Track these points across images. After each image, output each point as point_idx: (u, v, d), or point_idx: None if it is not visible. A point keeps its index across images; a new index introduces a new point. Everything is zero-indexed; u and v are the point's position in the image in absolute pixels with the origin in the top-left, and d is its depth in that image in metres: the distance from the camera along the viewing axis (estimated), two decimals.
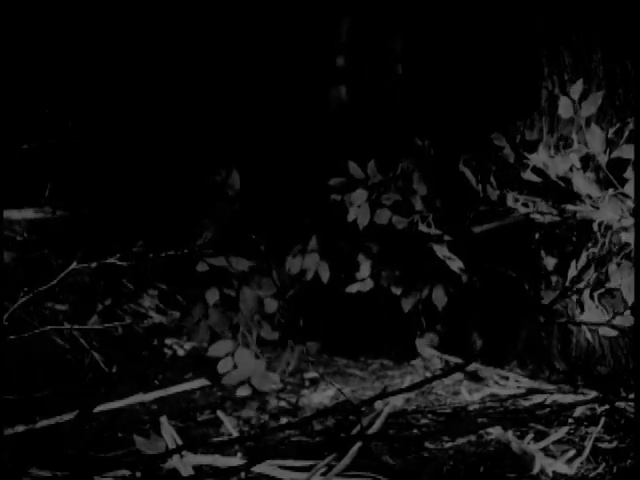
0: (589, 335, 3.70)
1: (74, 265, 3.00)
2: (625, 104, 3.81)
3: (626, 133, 3.62)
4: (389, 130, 4.53)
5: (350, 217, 4.14)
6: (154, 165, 5.24)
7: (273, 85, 5.08)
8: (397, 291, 4.27)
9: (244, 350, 4.13)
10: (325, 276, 4.31)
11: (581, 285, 3.71)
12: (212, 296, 4.19)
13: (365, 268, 4.29)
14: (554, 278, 3.93)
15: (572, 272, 3.75)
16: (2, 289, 2.99)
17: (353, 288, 4.28)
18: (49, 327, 3.15)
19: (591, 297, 3.66)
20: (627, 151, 3.60)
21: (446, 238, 4.08)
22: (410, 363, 4.44)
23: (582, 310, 3.67)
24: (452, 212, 4.12)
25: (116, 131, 5.26)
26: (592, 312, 3.61)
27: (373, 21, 4.74)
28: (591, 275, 3.71)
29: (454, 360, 4.36)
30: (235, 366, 4.10)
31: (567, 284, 3.77)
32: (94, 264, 3.05)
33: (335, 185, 4.16)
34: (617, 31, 3.84)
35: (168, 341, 4.93)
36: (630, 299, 3.60)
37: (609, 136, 3.66)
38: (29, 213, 3.31)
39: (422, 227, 4.07)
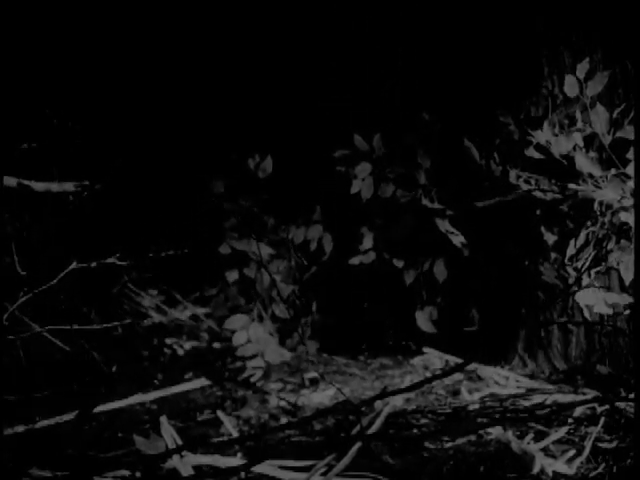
0: (587, 313, 3.72)
1: (74, 265, 3.00)
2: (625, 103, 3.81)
3: (631, 114, 3.64)
4: (395, 104, 4.54)
5: (354, 189, 4.18)
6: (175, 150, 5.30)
7: (282, 71, 5.11)
8: (399, 264, 4.29)
9: (258, 325, 4.23)
10: (328, 247, 4.37)
11: (579, 263, 3.74)
12: (232, 275, 4.33)
13: (368, 240, 4.33)
14: (553, 255, 3.95)
15: (571, 250, 3.78)
16: (2, 289, 2.99)
17: (356, 260, 4.34)
18: (49, 327, 3.15)
19: (588, 275, 3.68)
20: (630, 132, 3.62)
21: (448, 212, 4.11)
22: (410, 362, 4.43)
23: (579, 287, 3.69)
24: (455, 187, 4.14)
25: (129, 113, 5.30)
26: (588, 291, 3.63)
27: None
28: (589, 253, 3.73)
29: (454, 359, 4.36)
30: (249, 340, 4.18)
31: (566, 261, 3.80)
32: (94, 264, 3.04)
33: (340, 157, 4.21)
34: (617, 31, 3.84)
35: (168, 341, 4.93)
36: (628, 278, 3.62)
37: (614, 116, 3.67)
38: (69, 186, 3.31)
39: (425, 201, 4.11)
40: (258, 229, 4.34)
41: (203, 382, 4.24)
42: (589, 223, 3.76)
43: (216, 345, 4.88)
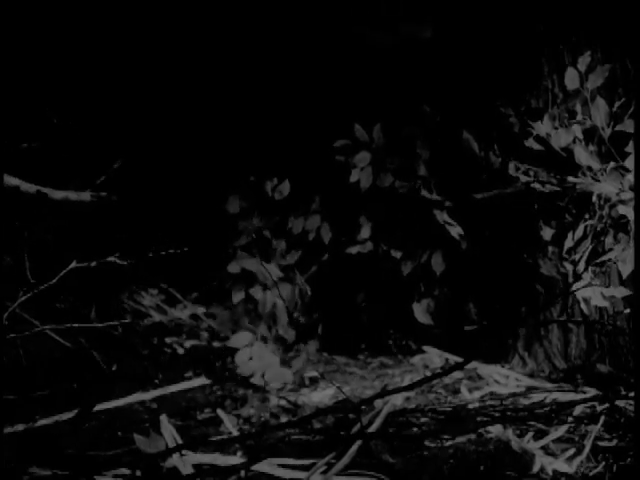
0: (584, 307, 3.72)
1: (74, 264, 3.00)
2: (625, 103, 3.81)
3: (630, 109, 3.64)
4: (396, 96, 4.54)
5: (352, 178, 4.19)
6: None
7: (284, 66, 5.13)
8: (397, 254, 4.29)
9: (262, 344, 4.24)
10: (327, 237, 4.38)
11: (577, 256, 3.74)
12: (238, 295, 4.35)
13: (366, 230, 4.35)
14: (551, 249, 3.95)
15: (569, 243, 3.79)
16: (2, 289, 2.99)
17: (354, 249, 4.35)
18: (49, 326, 3.15)
19: (586, 268, 3.68)
20: (630, 125, 3.62)
21: (447, 204, 4.12)
22: (410, 361, 4.44)
23: (576, 280, 3.70)
24: (454, 179, 4.14)
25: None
26: (586, 284, 3.64)
27: None
28: (587, 247, 3.73)
29: (454, 358, 4.36)
30: (251, 358, 4.19)
31: (563, 254, 3.80)
32: (94, 263, 3.04)
33: (340, 147, 4.22)
34: (616, 31, 3.84)
35: (168, 340, 4.93)
36: (625, 272, 3.63)
37: (614, 110, 3.68)
38: (86, 196, 3.33)
39: (424, 192, 4.11)
40: (268, 252, 4.36)
41: (203, 381, 4.25)
42: (587, 216, 3.77)
43: (216, 344, 4.88)
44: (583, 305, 3.82)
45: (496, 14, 4.11)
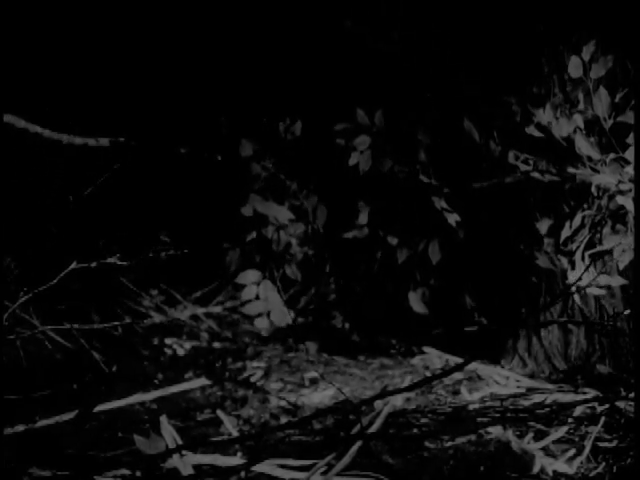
0: (584, 306, 3.72)
1: (74, 265, 3.00)
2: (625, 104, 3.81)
3: (631, 102, 3.65)
4: (397, 83, 4.53)
5: (352, 161, 4.17)
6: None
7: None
8: (393, 241, 4.29)
9: (268, 282, 4.25)
10: (322, 219, 4.38)
11: (574, 246, 3.74)
12: (250, 235, 4.40)
13: (364, 215, 4.36)
14: (547, 240, 3.95)
15: (566, 232, 3.80)
16: (2, 289, 2.99)
17: (350, 234, 4.35)
18: (49, 327, 3.15)
19: (582, 258, 3.69)
20: (631, 117, 3.62)
21: (445, 190, 4.11)
22: (410, 362, 4.44)
23: (573, 269, 3.70)
24: (454, 166, 4.14)
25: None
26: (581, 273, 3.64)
27: None
28: (585, 236, 3.74)
29: (454, 359, 4.36)
30: (257, 296, 4.19)
31: (560, 244, 3.81)
32: (94, 263, 3.04)
33: (340, 130, 4.21)
34: (617, 31, 3.84)
35: (168, 341, 4.93)
36: (622, 263, 3.63)
37: (615, 101, 3.68)
38: (105, 142, 3.36)
39: (422, 177, 4.10)
40: (281, 193, 4.37)
41: (203, 382, 4.24)
42: (585, 206, 3.77)
43: (216, 345, 4.88)
44: (582, 304, 3.82)
45: (498, 9, 4.12)
